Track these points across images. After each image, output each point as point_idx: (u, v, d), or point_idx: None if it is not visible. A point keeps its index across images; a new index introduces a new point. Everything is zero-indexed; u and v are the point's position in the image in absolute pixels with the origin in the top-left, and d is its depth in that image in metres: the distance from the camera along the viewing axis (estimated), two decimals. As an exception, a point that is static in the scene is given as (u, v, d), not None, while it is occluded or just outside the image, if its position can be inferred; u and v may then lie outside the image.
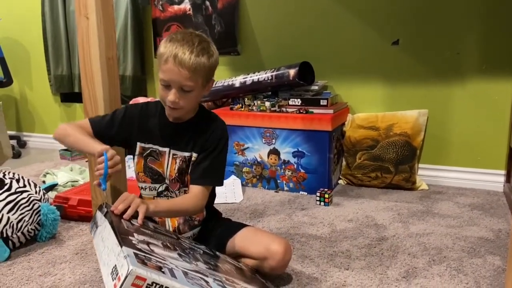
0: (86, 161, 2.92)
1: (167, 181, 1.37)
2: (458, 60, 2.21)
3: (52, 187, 2.03)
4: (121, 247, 0.88)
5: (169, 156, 1.35)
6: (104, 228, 1.04)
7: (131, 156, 2.00)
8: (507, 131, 2.16)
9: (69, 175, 2.34)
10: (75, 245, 1.65)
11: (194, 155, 1.35)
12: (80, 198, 1.86)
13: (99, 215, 1.14)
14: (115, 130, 1.35)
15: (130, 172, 1.98)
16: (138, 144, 1.36)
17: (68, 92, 3.27)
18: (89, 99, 1.55)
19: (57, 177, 2.33)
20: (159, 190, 1.38)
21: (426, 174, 2.34)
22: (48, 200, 1.77)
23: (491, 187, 2.22)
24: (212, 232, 1.43)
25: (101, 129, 1.35)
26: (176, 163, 1.35)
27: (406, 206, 2.02)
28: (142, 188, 1.40)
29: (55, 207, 1.71)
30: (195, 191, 1.31)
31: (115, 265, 0.84)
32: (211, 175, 1.34)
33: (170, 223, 1.41)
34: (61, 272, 1.45)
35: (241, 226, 1.42)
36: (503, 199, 2.09)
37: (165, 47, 1.20)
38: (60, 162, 2.94)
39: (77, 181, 2.28)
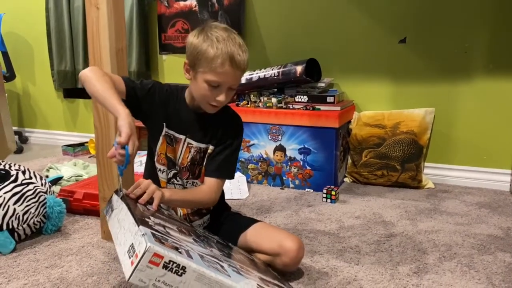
0: (89, 157, 2.91)
1: (177, 168, 1.36)
2: (465, 58, 2.20)
3: (57, 180, 2.01)
4: (138, 226, 0.86)
5: (183, 144, 1.34)
6: (121, 210, 1.02)
7: (140, 152, 1.98)
8: (514, 130, 2.16)
9: (73, 170, 2.32)
10: (81, 238, 1.64)
11: (211, 147, 1.34)
12: (86, 191, 1.85)
13: (115, 198, 1.13)
14: (143, 99, 1.27)
15: (136, 167, 1.97)
16: (165, 125, 1.31)
17: (71, 88, 3.25)
18: (98, 91, 1.53)
19: (60, 171, 2.31)
20: (169, 176, 1.37)
21: (432, 172, 2.33)
22: (53, 193, 1.75)
23: (497, 186, 2.21)
24: (223, 226, 1.42)
25: (134, 92, 1.25)
26: (190, 152, 1.34)
27: (413, 204, 2.01)
28: (159, 170, 1.37)
29: (61, 200, 1.70)
30: (211, 183, 1.31)
31: (132, 244, 0.83)
32: (226, 169, 1.34)
33: (181, 210, 1.40)
34: (68, 265, 1.43)
35: (252, 221, 1.41)
36: (510, 198, 2.08)
37: (214, 48, 1.14)
38: (63, 158, 2.92)
39: (81, 176, 2.27)
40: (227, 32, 1.20)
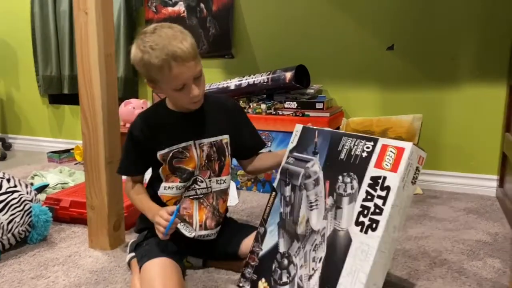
0: (75, 164, 2.87)
1: (197, 172, 1.33)
2: (452, 65, 2.23)
3: (42, 188, 1.97)
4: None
5: (195, 148, 1.31)
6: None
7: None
8: (500, 137, 2.19)
9: (58, 177, 2.28)
10: (67, 248, 1.60)
11: (225, 137, 1.35)
12: (73, 199, 1.81)
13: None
14: (140, 161, 1.36)
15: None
16: (158, 153, 1.30)
17: (57, 94, 3.21)
18: (87, 98, 1.51)
19: (46, 179, 2.27)
20: (187, 184, 1.34)
21: (420, 178, 2.32)
22: (39, 202, 1.71)
23: (484, 192, 2.24)
24: (223, 232, 1.41)
25: (135, 171, 1.39)
26: (203, 151, 1.32)
27: (402, 210, 2.02)
28: (167, 187, 1.33)
29: (47, 208, 1.66)
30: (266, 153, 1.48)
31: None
32: (260, 138, 1.48)
33: (198, 218, 1.35)
34: (54, 275, 1.40)
35: (252, 228, 1.39)
36: (497, 203, 2.11)
37: (155, 59, 1.12)
38: (48, 165, 2.87)
39: (67, 183, 2.22)
40: (155, 32, 1.16)
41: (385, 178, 0.99)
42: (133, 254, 1.37)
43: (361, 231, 1.00)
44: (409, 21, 2.27)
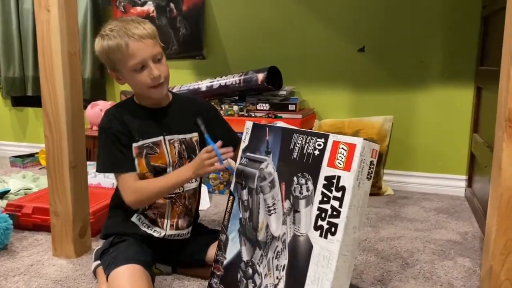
0: (40, 169, 2.76)
1: (169, 169, 1.29)
2: (422, 67, 2.26)
3: (3, 194, 1.88)
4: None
5: (165, 143, 1.29)
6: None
7: (92, 163, 1.88)
8: (468, 137, 2.23)
9: (21, 182, 2.18)
10: (30, 256, 1.52)
11: (194, 134, 1.33)
12: (36, 205, 1.73)
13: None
14: (126, 153, 1.26)
15: (90, 179, 1.87)
16: (133, 145, 1.26)
17: (20, 96, 3.08)
18: (49, 99, 1.44)
19: (8, 184, 2.16)
20: None
21: (391, 179, 2.37)
22: (-1, 208, 1.63)
23: (454, 192, 2.28)
24: (191, 238, 1.38)
25: (128, 162, 1.26)
26: (174, 147, 1.30)
27: (374, 210, 2.03)
28: None
29: (7, 215, 1.58)
30: None
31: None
32: (234, 133, 1.43)
33: (170, 217, 1.31)
34: (15, 286, 1.32)
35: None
36: (466, 203, 2.14)
37: (111, 39, 1.17)
38: (11, 170, 2.75)
39: (30, 189, 2.13)
40: (116, 21, 1.22)
41: (339, 177, 0.95)
42: (98, 262, 1.31)
43: (320, 235, 0.96)
44: (380, 23, 2.29)
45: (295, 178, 1.04)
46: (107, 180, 2.15)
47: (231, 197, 1.20)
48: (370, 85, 2.35)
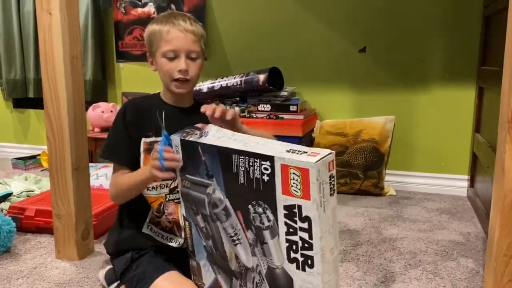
0: (42, 171, 2.76)
1: (177, 172, 1.19)
2: (423, 68, 2.26)
3: (6, 197, 1.88)
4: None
5: None
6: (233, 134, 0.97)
7: (94, 165, 1.86)
8: (470, 137, 2.23)
9: (23, 185, 2.18)
10: (33, 259, 1.53)
11: None
12: (38, 208, 1.73)
13: (212, 126, 1.02)
14: (129, 145, 1.20)
15: (92, 181, 1.87)
16: (143, 140, 1.19)
17: (22, 98, 3.08)
18: (51, 102, 1.44)
19: (10, 187, 2.16)
20: (171, 186, 1.22)
21: (393, 180, 2.37)
22: (2, 211, 1.63)
23: (456, 192, 2.27)
24: None
25: (125, 155, 1.20)
26: None
27: (377, 211, 2.03)
28: (150, 188, 1.20)
29: (10, 218, 1.58)
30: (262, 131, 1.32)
31: (295, 149, 0.83)
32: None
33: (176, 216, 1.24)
34: (18, 289, 1.32)
35: None
36: (468, 203, 2.14)
37: (160, 23, 1.17)
38: (13, 172, 2.76)
39: (32, 191, 2.13)
40: (171, 11, 1.24)
41: (300, 206, 0.81)
42: (117, 283, 1.25)
43: (297, 268, 0.85)
44: (381, 23, 2.29)
45: (250, 207, 0.89)
46: (110, 182, 2.15)
47: (187, 222, 1.07)
48: (372, 86, 2.35)
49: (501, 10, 1.70)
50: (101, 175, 2.21)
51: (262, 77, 2.22)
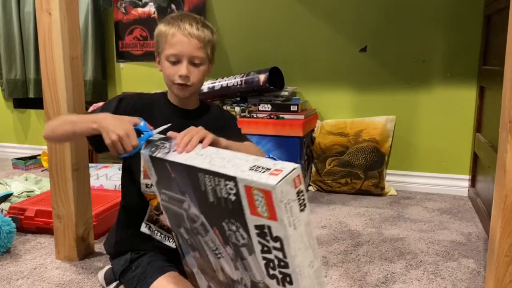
0: (42, 171, 2.76)
1: None
2: (424, 67, 2.25)
3: (6, 197, 1.88)
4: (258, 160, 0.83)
5: None
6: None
7: (94, 165, 1.85)
8: (471, 137, 2.22)
9: (24, 185, 2.17)
10: (33, 260, 1.52)
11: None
12: (38, 208, 1.73)
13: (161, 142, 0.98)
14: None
15: (92, 181, 1.87)
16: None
17: (22, 98, 3.08)
18: (51, 103, 1.44)
19: (10, 187, 2.16)
20: None
21: (394, 179, 2.36)
22: (2, 212, 1.63)
23: (457, 192, 2.27)
24: None
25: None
26: None
27: (377, 211, 2.02)
28: (149, 185, 1.18)
29: (10, 218, 1.58)
30: (249, 143, 1.20)
31: (260, 165, 0.79)
32: (245, 137, 1.24)
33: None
34: (18, 290, 1.32)
35: None
36: (469, 203, 2.14)
37: (167, 25, 1.15)
38: (13, 172, 2.76)
39: (33, 191, 2.13)
40: (181, 12, 1.21)
41: (269, 227, 0.79)
42: (116, 283, 1.24)
43: (278, 284, 0.84)
44: (382, 23, 2.29)
45: (224, 224, 0.88)
46: (110, 182, 2.15)
47: (173, 233, 1.07)
48: (373, 85, 2.34)
49: (502, 9, 1.69)
50: (101, 176, 2.21)
51: (262, 77, 2.22)
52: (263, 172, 0.77)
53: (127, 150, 0.98)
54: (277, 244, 0.80)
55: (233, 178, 0.80)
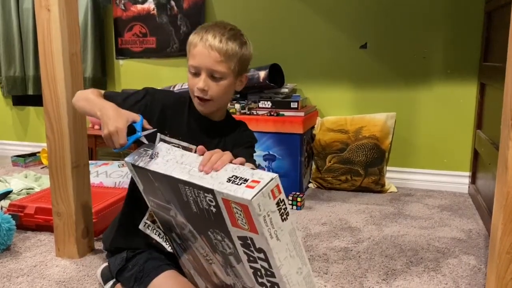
0: (42, 168, 2.75)
1: None
2: (424, 64, 2.25)
3: (5, 195, 1.87)
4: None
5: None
6: (183, 154, 0.92)
7: (94, 162, 1.84)
8: (471, 134, 2.22)
9: (23, 182, 2.17)
10: (33, 257, 1.52)
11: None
12: (38, 206, 1.72)
13: (160, 146, 0.98)
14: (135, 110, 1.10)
15: (92, 178, 1.87)
16: (159, 135, 1.07)
17: (21, 95, 3.07)
18: (51, 100, 1.43)
19: (10, 184, 2.16)
20: None
21: (394, 176, 2.36)
22: (1, 209, 1.62)
23: (457, 189, 2.27)
24: None
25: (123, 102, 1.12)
26: None
27: (378, 208, 2.02)
28: None
29: (10, 216, 1.57)
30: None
31: (238, 176, 0.78)
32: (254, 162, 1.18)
33: None
34: (19, 287, 1.32)
35: None
36: (469, 200, 2.13)
37: (194, 34, 1.12)
38: (13, 169, 2.75)
39: (32, 189, 2.12)
40: (220, 23, 1.14)
41: (251, 238, 0.78)
42: (113, 281, 1.24)
43: None
44: (382, 20, 2.28)
45: (210, 233, 0.87)
46: (110, 180, 2.15)
47: (166, 237, 1.07)
48: (373, 82, 2.34)
49: (503, 5, 1.69)
50: (101, 173, 2.21)
51: (262, 73, 2.21)
52: (240, 184, 0.76)
53: (116, 147, 0.98)
54: (262, 255, 0.79)
55: (211, 191, 0.79)
